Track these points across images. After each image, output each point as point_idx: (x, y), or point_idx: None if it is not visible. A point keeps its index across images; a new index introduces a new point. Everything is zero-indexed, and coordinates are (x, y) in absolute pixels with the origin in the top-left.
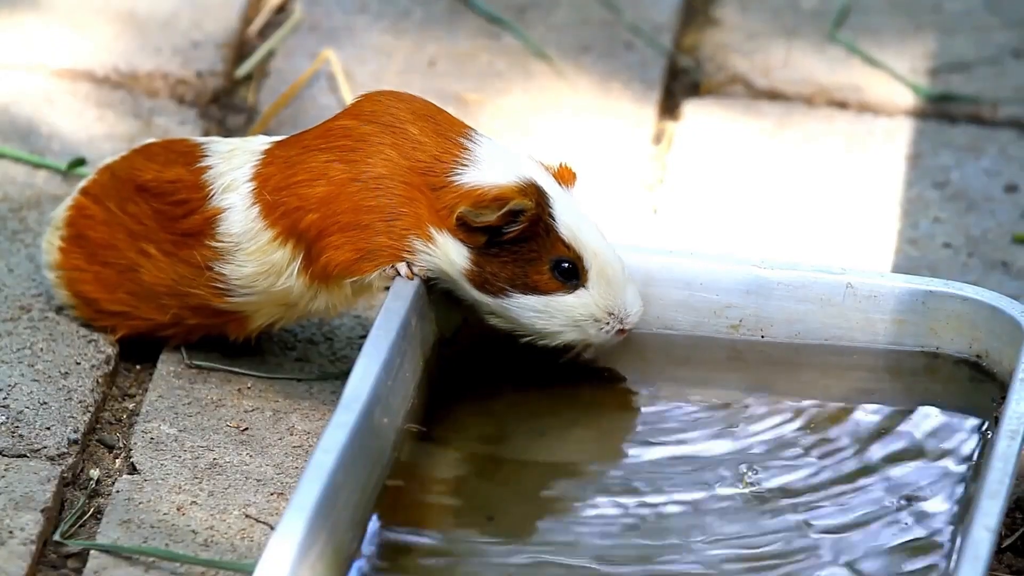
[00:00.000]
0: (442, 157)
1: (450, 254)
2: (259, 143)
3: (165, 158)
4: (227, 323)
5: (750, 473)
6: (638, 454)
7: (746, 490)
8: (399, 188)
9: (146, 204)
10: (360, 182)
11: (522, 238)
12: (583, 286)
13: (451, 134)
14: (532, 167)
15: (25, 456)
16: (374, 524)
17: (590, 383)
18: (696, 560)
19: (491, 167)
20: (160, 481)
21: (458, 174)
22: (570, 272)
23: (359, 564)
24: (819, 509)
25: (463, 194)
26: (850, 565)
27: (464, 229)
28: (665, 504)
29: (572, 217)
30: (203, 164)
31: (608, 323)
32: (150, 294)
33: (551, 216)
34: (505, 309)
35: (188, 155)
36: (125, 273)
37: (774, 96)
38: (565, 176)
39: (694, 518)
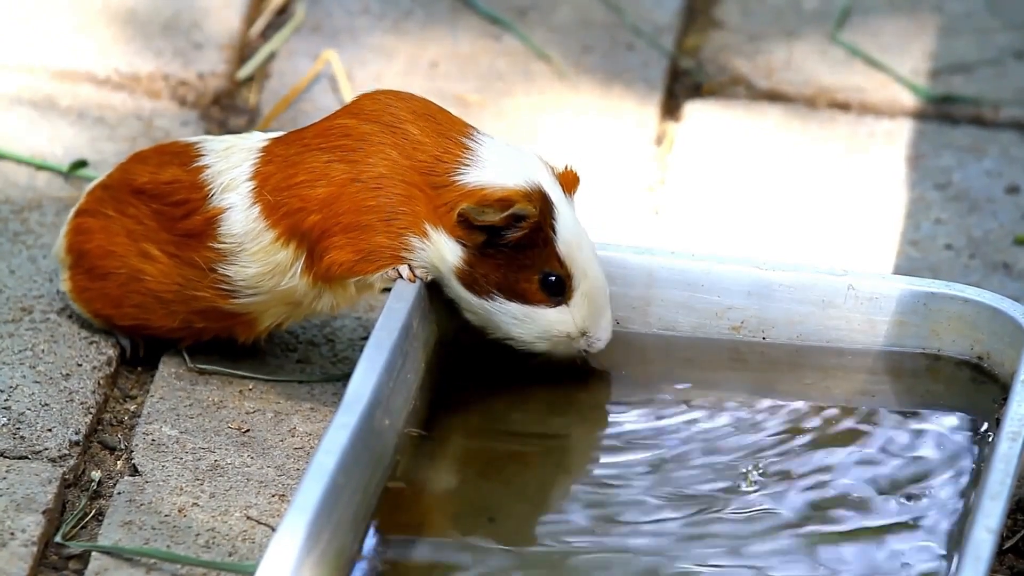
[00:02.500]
0: (443, 157)
1: (443, 251)
2: (256, 140)
3: (158, 160)
4: (235, 326)
5: (754, 472)
6: (640, 455)
7: (750, 489)
8: (399, 187)
9: (145, 206)
10: (361, 182)
11: (519, 245)
12: (566, 303)
13: (452, 134)
14: (539, 169)
15: (26, 458)
16: (375, 526)
17: (592, 384)
18: (699, 560)
19: (496, 167)
20: (161, 483)
21: (461, 173)
22: (557, 287)
23: (360, 565)
24: (821, 509)
25: (466, 192)
26: (852, 566)
27: (464, 226)
28: (668, 505)
29: (571, 233)
30: (200, 163)
31: (578, 342)
32: (157, 302)
33: (552, 228)
34: (487, 311)
35: (182, 155)
36: (129, 284)
37: (775, 97)
38: (569, 180)
39: (698, 518)
